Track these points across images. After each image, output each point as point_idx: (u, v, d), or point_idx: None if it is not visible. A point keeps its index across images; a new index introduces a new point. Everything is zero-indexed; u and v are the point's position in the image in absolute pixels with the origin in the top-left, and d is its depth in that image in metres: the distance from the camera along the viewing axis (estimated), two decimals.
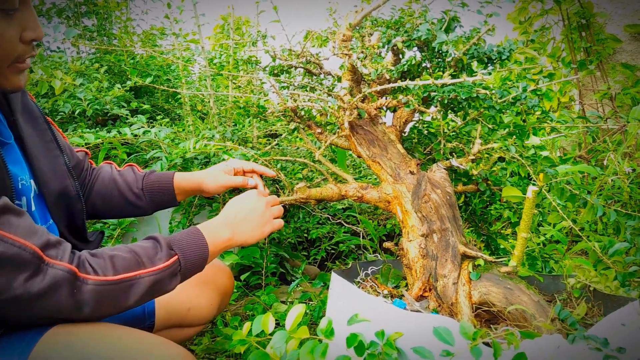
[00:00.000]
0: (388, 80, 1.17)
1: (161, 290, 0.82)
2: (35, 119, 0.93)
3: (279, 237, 1.87)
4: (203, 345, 1.34)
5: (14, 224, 0.69)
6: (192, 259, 0.86)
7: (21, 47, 0.75)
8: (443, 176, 1.10)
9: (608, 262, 1.06)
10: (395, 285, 1.18)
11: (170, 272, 0.82)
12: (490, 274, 0.99)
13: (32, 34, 0.76)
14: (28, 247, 0.68)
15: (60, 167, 0.95)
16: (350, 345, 0.71)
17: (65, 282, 0.71)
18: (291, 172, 1.95)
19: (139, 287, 0.78)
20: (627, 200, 1.83)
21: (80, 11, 2.40)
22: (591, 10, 2.38)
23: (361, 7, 1.27)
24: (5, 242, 0.66)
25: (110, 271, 0.76)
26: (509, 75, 1.27)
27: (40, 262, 0.69)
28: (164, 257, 0.82)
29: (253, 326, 0.74)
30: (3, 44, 0.72)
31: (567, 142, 2.66)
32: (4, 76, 0.76)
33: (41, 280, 0.69)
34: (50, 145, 0.94)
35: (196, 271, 0.88)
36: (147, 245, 0.84)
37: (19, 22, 0.74)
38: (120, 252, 0.80)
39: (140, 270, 0.79)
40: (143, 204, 1.15)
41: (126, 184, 1.14)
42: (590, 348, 0.67)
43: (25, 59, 0.78)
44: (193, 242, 0.88)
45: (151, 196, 1.15)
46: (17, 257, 0.67)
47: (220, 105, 2.07)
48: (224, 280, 1.15)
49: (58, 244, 0.74)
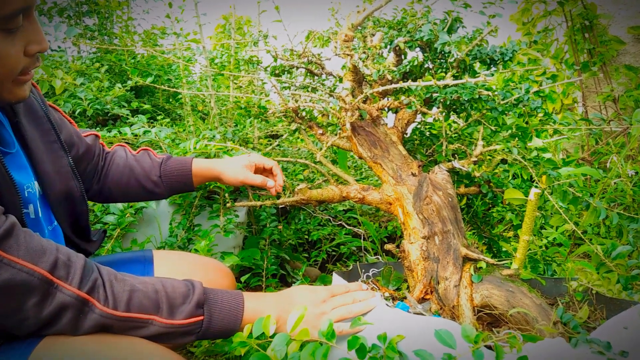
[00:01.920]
0: (390, 81, 1.16)
1: (166, 342, 0.77)
2: (38, 118, 0.91)
3: (280, 238, 1.87)
4: (202, 347, 1.34)
5: (22, 246, 0.67)
6: (217, 326, 0.79)
7: (25, 61, 0.73)
8: (445, 178, 1.09)
9: (610, 265, 1.06)
10: (396, 288, 1.18)
11: (186, 331, 0.77)
12: (492, 277, 0.98)
13: (37, 47, 0.73)
14: (36, 272, 0.67)
15: (65, 169, 0.93)
16: (352, 348, 0.70)
17: (72, 309, 0.69)
18: (292, 173, 1.94)
19: (144, 331, 0.74)
20: (630, 203, 1.82)
21: (81, 10, 2.40)
22: (595, 11, 2.37)
23: (363, 8, 1.27)
24: (13, 268, 0.65)
25: (121, 306, 0.73)
26: (511, 77, 1.27)
27: (49, 286, 0.68)
28: (186, 313, 0.77)
29: (254, 328, 0.73)
30: (7, 62, 0.70)
31: (570, 145, 2.65)
32: (8, 90, 0.74)
33: (49, 304, 0.68)
34: (54, 145, 0.92)
35: (216, 337, 0.81)
36: (179, 291, 0.78)
37: (23, 37, 0.71)
38: (144, 287, 0.76)
39: (154, 316, 0.75)
40: (160, 191, 1.13)
41: (143, 171, 1.12)
42: (593, 351, 0.67)
43: (29, 71, 0.76)
44: (228, 309, 0.81)
45: (169, 183, 1.13)
46: (25, 283, 0.66)
47: (221, 106, 2.06)
48: (225, 281, 1.15)
49: (68, 262, 0.72)
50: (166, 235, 1.63)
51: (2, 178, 0.75)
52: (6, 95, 0.75)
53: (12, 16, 0.66)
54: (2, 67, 0.70)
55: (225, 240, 1.75)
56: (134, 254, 1.09)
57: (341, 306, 0.85)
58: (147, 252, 1.10)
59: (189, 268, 1.07)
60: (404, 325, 0.81)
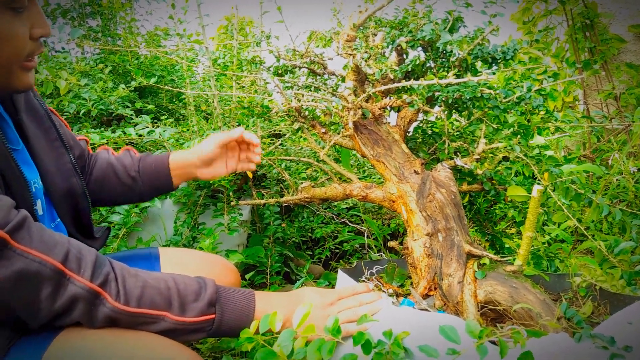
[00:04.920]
0: (392, 80, 1.17)
1: (176, 338, 0.76)
2: (39, 117, 0.92)
3: (283, 236, 1.88)
4: (208, 344, 1.35)
5: (35, 237, 0.68)
6: (228, 325, 0.80)
7: (30, 45, 0.75)
8: (447, 175, 1.10)
9: (614, 261, 1.06)
10: (400, 284, 1.18)
11: (196, 328, 0.77)
12: (495, 273, 0.99)
13: (40, 30, 0.75)
14: (49, 262, 0.67)
15: (66, 166, 0.94)
16: (357, 344, 0.71)
17: (83, 301, 0.70)
18: (295, 171, 1.95)
19: (155, 326, 0.75)
20: (632, 200, 1.83)
21: (85, 12, 2.41)
22: (595, 10, 2.38)
23: (365, 8, 1.28)
24: (26, 258, 0.66)
25: (133, 301, 0.73)
26: (513, 75, 1.27)
27: (62, 277, 0.69)
28: (198, 310, 0.77)
29: (260, 325, 0.74)
30: (16, 42, 0.72)
31: (572, 142, 2.65)
32: (16, 75, 0.75)
33: (62, 296, 0.69)
34: (55, 143, 0.93)
35: (226, 335, 0.82)
36: (191, 289, 0.79)
37: (28, 19, 0.74)
38: (157, 284, 0.77)
39: (165, 312, 0.75)
40: (140, 188, 1.11)
41: (123, 167, 1.11)
42: (597, 346, 0.67)
43: (33, 57, 0.77)
44: (239, 308, 0.81)
45: (148, 179, 1.11)
46: (38, 274, 0.66)
47: (224, 106, 2.07)
48: (230, 278, 1.15)
49: (80, 255, 0.72)
50: (171, 233, 1.64)
51: (13, 173, 0.76)
52: (14, 81, 0.76)
53: None
54: (12, 48, 0.72)
55: (230, 238, 1.76)
56: (140, 251, 1.10)
57: (348, 309, 0.86)
58: (152, 249, 1.10)
59: (196, 265, 1.08)
60: (408, 321, 0.81)
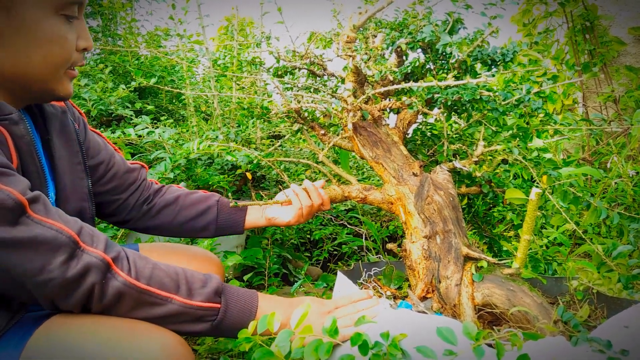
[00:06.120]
0: (392, 82, 1.17)
1: (179, 324, 0.77)
2: (70, 141, 0.94)
3: (282, 237, 1.88)
4: (206, 345, 1.35)
5: (51, 210, 0.70)
6: (232, 318, 0.80)
7: (75, 55, 0.79)
8: (446, 178, 1.10)
9: (611, 264, 1.06)
10: (398, 287, 1.18)
11: (202, 315, 0.78)
12: (493, 276, 0.99)
13: (84, 43, 0.80)
14: (65, 230, 0.69)
15: (82, 189, 0.96)
16: (355, 344, 0.71)
17: (96, 270, 0.71)
18: (294, 173, 1.95)
19: (162, 308, 0.75)
20: (630, 203, 1.83)
21: (85, 12, 2.42)
22: (595, 12, 2.38)
23: (365, 9, 1.28)
24: (42, 226, 0.67)
25: (143, 278, 0.74)
26: (512, 78, 1.27)
27: (76, 247, 0.70)
28: (205, 296, 0.78)
29: (258, 325, 0.74)
30: (66, 46, 0.76)
31: (571, 145, 2.65)
32: (59, 81, 0.79)
33: (75, 265, 0.69)
34: (77, 167, 0.95)
35: (226, 334, 0.82)
36: (197, 277, 0.81)
37: (76, 30, 0.79)
38: (166, 268, 0.78)
39: (173, 294, 0.76)
40: (209, 235, 1.16)
41: (201, 223, 1.12)
42: (594, 350, 0.67)
43: (75, 68, 0.82)
44: (243, 303, 0.82)
45: (221, 233, 1.15)
46: (54, 240, 0.68)
47: (224, 106, 2.08)
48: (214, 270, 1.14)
49: (93, 232, 0.75)
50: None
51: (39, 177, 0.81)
52: (57, 87, 0.80)
53: (73, 2, 0.76)
54: (63, 51, 0.76)
55: (228, 239, 1.76)
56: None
57: (345, 316, 0.87)
58: (131, 245, 1.11)
59: (178, 258, 1.08)
60: (405, 323, 0.81)
